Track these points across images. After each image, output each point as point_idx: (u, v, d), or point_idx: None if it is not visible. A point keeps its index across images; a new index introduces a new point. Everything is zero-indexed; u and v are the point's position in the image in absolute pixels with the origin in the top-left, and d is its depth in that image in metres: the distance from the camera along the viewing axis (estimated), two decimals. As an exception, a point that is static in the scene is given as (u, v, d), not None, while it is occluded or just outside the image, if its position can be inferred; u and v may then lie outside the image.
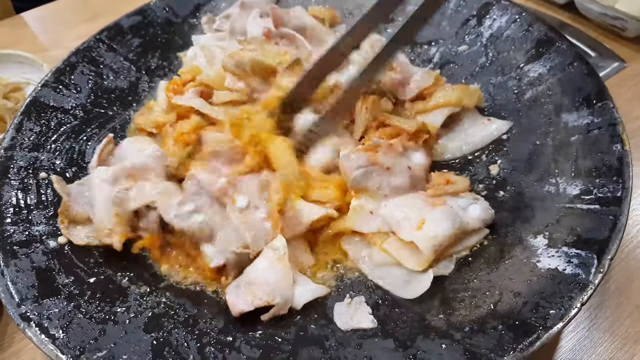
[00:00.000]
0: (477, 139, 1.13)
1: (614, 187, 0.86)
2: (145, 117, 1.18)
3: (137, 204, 0.95)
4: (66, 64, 1.23)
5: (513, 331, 0.74)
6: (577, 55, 1.09)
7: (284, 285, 0.86)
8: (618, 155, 0.90)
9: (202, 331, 0.84)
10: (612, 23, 1.45)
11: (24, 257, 0.90)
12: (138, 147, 1.06)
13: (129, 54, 1.33)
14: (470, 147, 1.13)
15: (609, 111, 0.97)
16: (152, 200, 0.95)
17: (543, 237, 0.87)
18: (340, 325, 0.85)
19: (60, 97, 1.18)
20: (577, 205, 0.89)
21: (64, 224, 0.96)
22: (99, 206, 0.94)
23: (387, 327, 0.83)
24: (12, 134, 1.07)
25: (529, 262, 0.84)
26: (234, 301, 0.85)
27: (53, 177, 0.99)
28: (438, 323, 0.80)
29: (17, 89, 1.42)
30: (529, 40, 1.18)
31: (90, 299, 0.87)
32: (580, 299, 0.74)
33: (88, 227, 0.97)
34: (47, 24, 1.85)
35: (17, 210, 0.97)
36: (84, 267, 0.93)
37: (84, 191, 0.99)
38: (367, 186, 0.96)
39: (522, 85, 1.15)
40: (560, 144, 1.00)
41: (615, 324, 0.93)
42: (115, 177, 0.96)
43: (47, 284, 0.87)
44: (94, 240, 0.96)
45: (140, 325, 0.84)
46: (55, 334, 0.79)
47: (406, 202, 0.95)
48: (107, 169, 0.99)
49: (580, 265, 0.79)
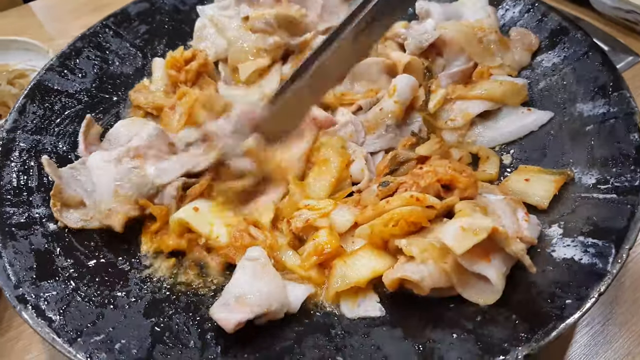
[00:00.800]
0: (514, 130, 1.07)
1: (631, 176, 0.84)
2: (145, 97, 1.16)
3: (162, 180, 0.94)
4: (72, 49, 1.22)
5: (528, 321, 0.71)
6: (592, 45, 1.06)
7: (278, 291, 0.81)
8: (636, 144, 0.87)
9: (203, 317, 0.82)
10: (625, 17, 1.42)
11: (23, 239, 0.88)
12: (134, 128, 1.04)
13: (135, 40, 1.31)
14: (505, 137, 1.07)
15: (626, 100, 0.94)
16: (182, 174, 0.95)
17: (558, 226, 0.84)
18: (347, 313, 0.82)
19: (64, 81, 1.16)
20: (593, 195, 0.86)
21: (56, 207, 0.94)
22: (102, 188, 0.92)
23: (395, 315, 0.80)
24: (14, 117, 1.05)
25: (544, 252, 0.81)
26: (227, 317, 0.76)
27: (44, 159, 0.96)
28: (449, 312, 0.77)
29: (22, 75, 1.40)
30: (542, 30, 1.16)
31: (89, 282, 0.85)
32: (598, 288, 0.71)
33: (81, 210, 0.95)
34: (54, 13, 1.84)
35: (17, 192, 0.95)
36: (84, 250, 0.91)
37: (76, 175, 0.97)
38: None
39: (535, 75, 1.13)
40: (576, 134, 0.98)
41: (631, 319, 0.90)
42: (119, 157, 0.94)
43: (46, 267, 0.85)
44: (89, 223, 0.94)
45: (140, 310, 0.82)
46: (52, 317, 0.77)
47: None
48: (104, 152, 0.97)
49: (597, 254, 0.76)
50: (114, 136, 1.05)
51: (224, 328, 0.76)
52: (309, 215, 0.91)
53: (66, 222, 0.93)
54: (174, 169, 0.96)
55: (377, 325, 0.79)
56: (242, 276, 0.82)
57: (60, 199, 0.95)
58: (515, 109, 1.09)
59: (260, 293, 0.79)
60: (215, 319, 0.77)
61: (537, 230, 0.84)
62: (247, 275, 0.82)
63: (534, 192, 0.92)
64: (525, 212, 0.86)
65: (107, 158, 0.94)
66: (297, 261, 0.88)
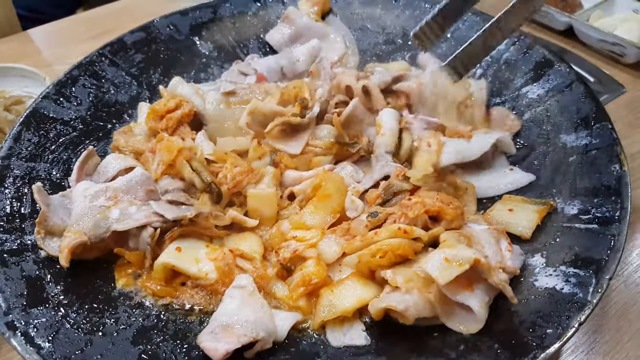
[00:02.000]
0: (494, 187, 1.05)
1: (612, 207, 0.86)
2: (126, 140, 1.15)
3: (122, 226, 0.92)
4: (68, 77, 1.24)
5: (509, 350, 0.72)
6: (575, 77, 1.09)
7: (265, 319, 0.82)
8: (617, 175, 0.90)
9: (191, 345, 0.83)
10: (611, 49, 1.46)
11: (15, 265, 0.89)
12: (122, 164, 1.05)
13: (131, 68, 1.34)
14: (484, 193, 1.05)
15: (608, 132, 0.97)
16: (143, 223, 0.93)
17: (541, 256, 0.86)
18: (333, 342, 0.83)
19: (60, 109, 1.18)
20: (576, 225, 0.88)
21: (40, 234, 0.94)
22: (72, 219, 0.94)
23: (380, 344, 0.81)
24: (10, 144, 1.07)
25: (526, 281, 0.83)
26: (215, 346, 0.76)
27: (35, 187, 0.96)
28: (433, 341, 0.79)
29: (18, 101, 1.42)
30: (528, 62, 1.19)
31: (79, 309, 0.86)
32: (578, 318, 0.73)
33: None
34: (52, 40, 1.88)
35: (10, 219, 0.96)
36: (74, 278, 0.91)
37: (66, 203, 0.98)
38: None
39: (520, 106, 1.15)
40: (559, 164, 1.00)
41: (615, 348, 0.90)
42: (96, 194, 0.96)
43: (36, 293, 0.86)
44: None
45: (129, 337, 0.83)
46: (41, 344, 0.77)
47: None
48: (89, 184, 0.99)
49: (578, 284, 0.77)
50: (103, 168, 1.06)
51: (212, 357, 0.76)
52: (297, 245, 0.92)
53: (48, 250, 0.93)
54: (136, 218, 0.94)
55: (362, 354, 0.80)
56: (230, 304, 0.83)
57: (45, 227, 0.95)
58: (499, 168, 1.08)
59: (248, 321, 0.80)
60: (202, 348, 0.78)
61: (520, 260, 0.86)
62: (235, 303, 0.83)
63: (517, 222, 0.93)
64: (508, 242, 0.87)
65: (87, 192, 0.96)
66: (286, 292, 0.89)
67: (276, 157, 1.08)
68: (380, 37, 1.45)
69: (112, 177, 1.03)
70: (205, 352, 0.77)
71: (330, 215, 0.98)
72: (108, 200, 0.95)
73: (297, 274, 0.90)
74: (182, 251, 0.93)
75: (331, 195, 0.99)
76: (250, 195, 1.01)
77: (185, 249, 0.94)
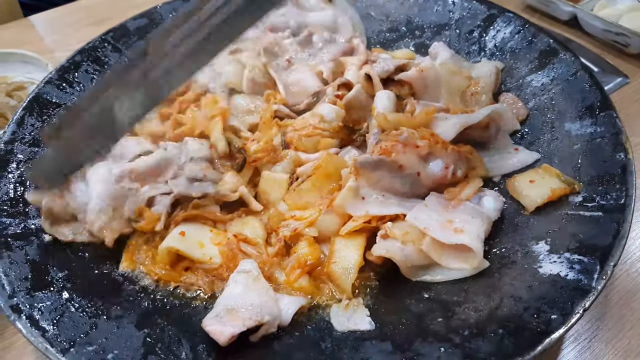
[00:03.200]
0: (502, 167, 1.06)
1: (617, 195, 0.86)
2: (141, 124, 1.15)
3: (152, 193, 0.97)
4: (71, 63, 1.24)
5: (514, 335, 0.72)
6: (580, 66, 1.09)
7: (270, 303, 0.82)
8: (621, 163, 0.90)
9: (195, 329, 0.83)
10: (615, 39, 1.46)
11: (19, 249, 0.89)
12: (141, 148, 1.05)
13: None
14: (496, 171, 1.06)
15: (612, 120, 0.97)
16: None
17: (545, 243, 0.86)
18: (337, 327, 0.83)
19: (63, 95, 1.18)
20: (580, 212, 0.88)
21: (47, 221, 0.94)
22: (98, 203, 0.94)
23: (384, 329, 0.81)
24: (13, 128, 1.07)
25: (531, 268, 0.83)
26: (220, 329, 0.77)
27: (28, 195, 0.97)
28: (437, 326, 0.79)
29: (20, 87, 1.42)
30: (532, 51, 1.19)
31: (83, 293, 0.86)
32: (583, 304, 0.73)
33: (72, 224, 0.96)
34: (53, 26, 1.86)
35: (14, 203, 0.96)
36: (78, 262, 0.92)
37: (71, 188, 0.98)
38: (370, 174, 0.94)
39: (525, 94, 1.15)
40: (564, 152, 1.00)
41: (617, 336, 0.91)
42: (120, 176, 0.96)
43: (41, 277, 0.86)
44: (80, 236, 0.94)
45: (133, 321, 0.83)
46: (46, 327, 0.78)
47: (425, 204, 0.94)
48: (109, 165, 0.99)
49: (583, 271, 0.78)
50: (121, 151, 1.05)
51: (217, 341, 0.76)
52: (296, 224, 0.93)
53: (57, 236, 0.93)
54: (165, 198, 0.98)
55: (366, 339, 0.80)
56: (234, 288, 0.84)
57: (51, 213, 0.95)
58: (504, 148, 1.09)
59: (253, 305, 0.80)
60: (207, 331, 0.78)
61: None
62: (239, 287, 0.84)
63: (528, 193, 0.95)
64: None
65: (108, 174, 0.96)
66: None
67: (286, 138, 1.08)
68: (385, 25, 1.44)
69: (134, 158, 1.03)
70: (210, 335, 0.77)
71: (328, 195, 0.98)
72: (133, 182, 0.97)
73: (291, 257, 0.91)
74: (187, 236, 0.93)
75: (330, 175, 0.99)
76: (264, 176, 1.03)
77: (190, 234, 0.94)
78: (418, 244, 0.88)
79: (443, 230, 0.87)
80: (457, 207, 0.92)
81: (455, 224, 0.88)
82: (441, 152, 0.96)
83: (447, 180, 0.97)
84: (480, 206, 0.94)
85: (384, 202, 0.94)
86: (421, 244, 0.88)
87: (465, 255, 0.87)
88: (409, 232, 0.89)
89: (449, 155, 0.96)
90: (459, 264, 0.87)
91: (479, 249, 0.85)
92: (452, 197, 0.94)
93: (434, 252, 0.87)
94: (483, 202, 0.95)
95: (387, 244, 0.89)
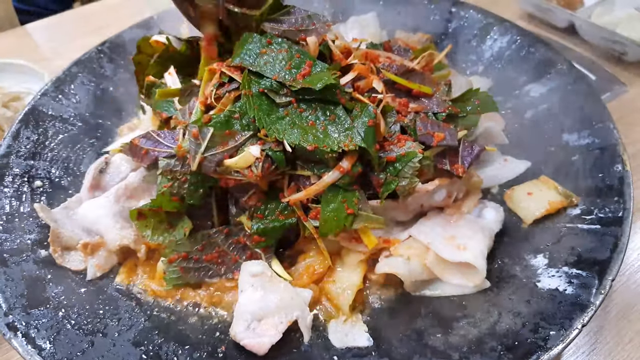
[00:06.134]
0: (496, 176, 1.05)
1: (615, 208, 0.86)
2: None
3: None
4: (67, 74, 1.23)
5: (512, 352, 0.72)
6: (577, 76, 1.09)
7: (293, 298, 0.83)
8: (619, 175, 0.90)
9: (193, 346, 0.82)
10: (613, 47, 1.45)
11: (15, 265, 0.88)
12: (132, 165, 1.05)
13: (129, 65, 1.33)
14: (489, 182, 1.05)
15: (610, 132, 0.96)
16: None
17: (543, 256, 0.86)
18: (335, 343, 0.83)
19: (59, 106, 1.18)
20: (578, 225, 0.88)
21: (57, 252, 0.93)
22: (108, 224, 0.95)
23: (383, 345, 0.81)
24: (8, 142, 1.06)
25: (529, 282, 0.83)
26: (258, 341, 0.78)
27: (37, 206, 0.97)
28: (436, 342, 0.78)
29: (16, 98, 1.41)
30: (529, 61, 1.18)
31: (80, 310, 0.85)
32: (581, 320, 0.73)
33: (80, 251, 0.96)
34: (50, 35, 1.86)
35: (9, 218, 0.96)
36: (74, 277, 0.91)
37: (71, 215, 0.98)
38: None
39: (522, 104, 1.15)
40: (561, 164, 1.00)
41: (615, 349, 0.90)
42: (117, 197, 0.97)
43: (37, 294, 0.85)
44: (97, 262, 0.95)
45: (130, 339, 0.82)
46: (42, 345, 0.77)
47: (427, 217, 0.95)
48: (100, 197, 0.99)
49: (581, 285, 0.77)
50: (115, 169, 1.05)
51: (257, 353, 0.78)
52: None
53: (70, 266, 0.93)
54: None
55: (364, 355, 0.80)
56: (253, 293, 0.83)
57: (59, 244, 0.94)
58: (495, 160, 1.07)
59: (278, 307, 0.81)
60: (244, 345, 0.78)
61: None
62: (258, 291, 0.83)
63: (525, 206, 0.95)
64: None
65: (104, 202, 0.97)
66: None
67: None
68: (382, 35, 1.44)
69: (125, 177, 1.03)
70: (248, 349, 0.78)
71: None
72: (128, 200, 0.97)
73: (300, 264, 0.91)
74: None
75: None
76: None
77: None
78: (422, 259, 0.88)
79: (446, 246, 0.87)
80: (459, 222, 0.91)
81: (458, 240, 0.87)
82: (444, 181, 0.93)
83: (449, 204, 0.96)
84: (482, 218, 0.94)
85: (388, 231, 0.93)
86: (425, 258, 0.87)
87: (467, 272, 0.86)
88: (413, 247, 0.89)
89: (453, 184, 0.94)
90: (461, 280, 0.86)
91: (482, 266, 0.84)
92: (453, 213, 0.93)
93: (437, 268, 0.87)
94: (484, 214, 0.95)
95: (390, 261, 0.88)
